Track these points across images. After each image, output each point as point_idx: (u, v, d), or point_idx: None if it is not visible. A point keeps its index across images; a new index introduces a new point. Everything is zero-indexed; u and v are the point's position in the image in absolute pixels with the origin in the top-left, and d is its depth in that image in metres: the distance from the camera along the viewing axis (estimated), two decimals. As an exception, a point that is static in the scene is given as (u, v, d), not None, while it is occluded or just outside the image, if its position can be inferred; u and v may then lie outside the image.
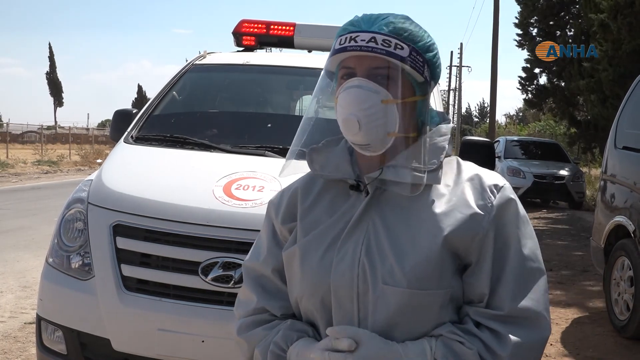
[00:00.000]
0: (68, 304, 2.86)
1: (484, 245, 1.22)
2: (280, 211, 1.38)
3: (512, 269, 1.22)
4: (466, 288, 1.24)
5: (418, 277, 1.19)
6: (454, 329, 1.20)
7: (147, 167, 3.26)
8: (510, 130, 38.22)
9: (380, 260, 1.21)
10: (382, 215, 1.25)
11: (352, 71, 1.24)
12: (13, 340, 4.57)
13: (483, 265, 1.22)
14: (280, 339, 1.29)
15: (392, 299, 1.19)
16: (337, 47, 1.25)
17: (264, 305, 1.36)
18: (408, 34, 1.24)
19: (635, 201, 5.09)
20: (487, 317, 1.21)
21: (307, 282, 1.27)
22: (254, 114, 4.08)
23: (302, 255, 1.29)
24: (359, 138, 1.22)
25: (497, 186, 1.26)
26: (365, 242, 1.24)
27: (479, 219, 1.22)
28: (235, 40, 4.65)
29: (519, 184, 14.98)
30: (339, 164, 1.31)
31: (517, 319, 1.20)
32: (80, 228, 2.91)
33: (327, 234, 1.28)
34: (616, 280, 5.30)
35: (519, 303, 1.20)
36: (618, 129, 5.80)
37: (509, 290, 1.21)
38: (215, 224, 2.69)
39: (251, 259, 1.42)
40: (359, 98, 1.20)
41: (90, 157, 26.82)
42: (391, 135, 1.23)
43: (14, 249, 7.74)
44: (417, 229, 1.22)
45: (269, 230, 1.40)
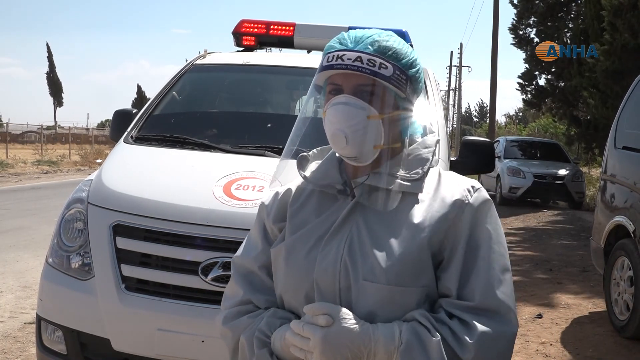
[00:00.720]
0: (68, 304, 2.86)
1: (455, 240, 1.29)
2: (272, 211, 1.45)
3: (485, 263, 1.29)
4: (439, 282, 1.30)
5: (397, 274, 1.25)
6: (426, 314, 1.26)
7: (147, 167, 3.26)
8: (510, 130, 38.23)
9: (361, 258, 1.28)
10: (366, 217, 1.32)
11: (339, 87, 1.32)
12: (13, 340, 4.57)
13: (454, 260, 1.29)
14: (264, 325, 1.35)
15: (371, 294, 1.26)
16: (325, 64, 1.32)
17: (249, 297, 1.42)
18: (392, 52, 1.31)
19: (635, 201, 5.09)
20: (458, 307, 1.27)
21: (291, 278, 1.34)
22: (254, 114, 4.08)
23: (288, 252, 1.36)
24: (347, 151, 1.31)
25: (474, 187, 1.34)
26: (348, 241, 1.31)
27: (452, 216, 1.29)
28: (235, 40, 4.65)
29: (518, 184, 15.00)
30: (328, 170, 1.40)
31: (487, 311, 1.26)
32: (80, 228, 2.91)
33: (313, 233, 1.35)
34: (616, 280, 5.30)
35: (490, 295, 1.27)
36: (618, 129, 5.80)
37: (481, 282, 1.27)
38: (215, 224, 2.69)
39: (241, 256, 1.48)
40: (346, 114, 1.28)
41: (90, 157, 26.82)
42: (377, 148, 1.31)
43: (13, 249, 7.74)
44: (398, 230, 1.29)
45: (260, 229, 1.47)
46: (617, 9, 11.49)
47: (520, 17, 18.59)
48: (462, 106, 60.34)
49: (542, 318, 5.63)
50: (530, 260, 8.26)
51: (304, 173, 1.42)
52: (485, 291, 1.27)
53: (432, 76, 4.09)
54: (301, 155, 1.44)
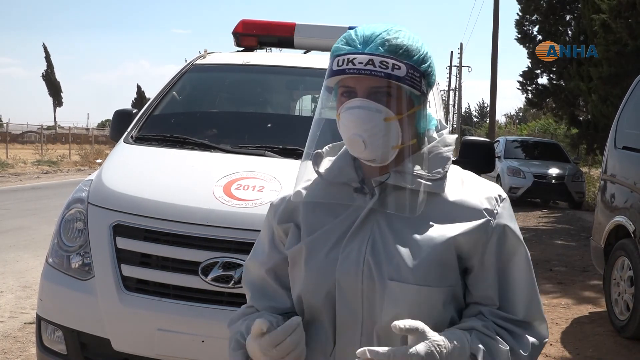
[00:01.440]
0: (68, 304, 2.86)
1: (486, 250, 1.28)
2: (278, 212, 1.42)
3: (522, 275, 1.30)
4: (473, 290, 1.30)
5: (425, 273, 1.23)
6: (486, 324, 1.26)
7: (147, 167, 3.26)
8: (510, 130, 38.23)
9: (386, 258, 1.25)
10: (388, 217, 1.29)
11: (352, 90, 1.28)
12: (13, 340, 4.57)
13: (489, 269, 1.28)
14: (245, 328, 1.35)
15: (399, 294, 1.23)
16: (336, 68, 1.28)
17: (252, 304, 1.42)
18: (403, 50, 1.27)
19: (635, 201, 5.09)
20: (504, 318, 1.28)
21: (311, 279, 1.30)
22: (254, 114, 4.08)
23: (308, 252, 1.32)
24: (365, 155, 1.28)
25: (501, 197, 1.33)
26: (371, 241, 1.28)
27: (484, 225, 1.28)
28: (235, 41, 4.65)
29: (519, 184, 15.00)
30: (342, 167, 1.35)
31: (529, 324, 1.30)
32: (80, 228, 2.91)
33: (332, 233, 1.31)
34: (616, 280, 5.30)
35: (531, 308, 1.30)
36: (618, 129, 5.80)
37: (522, 295, 1.29)
38: (215, 224, 2.69)
39: (250, 259, 1.47)
40: (362, 118, 1.24)
41: (90, 157, 26.80)
42: (395, 148, 1.28)
43: (13, 249, 7.74)
44: (422, 230, 1.27)
45: (269, 232, 1.44)
46: (615, 9, 11.47)
47: (524, 13, 18.56)
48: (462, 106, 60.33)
49: (542, 318, 5.63)
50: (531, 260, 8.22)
51: (319, 170, 1.37)
52: (527, 304, 1.29)
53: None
54: (316, 152, 1.39)
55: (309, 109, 5.37)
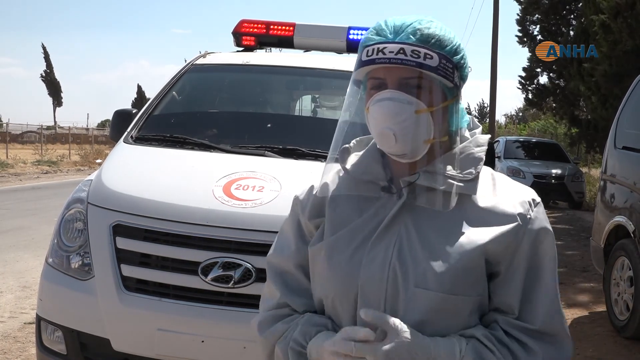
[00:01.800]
0: (68, 304, 2.86)
1: (516, 256, 1.23)
2: (307, 207, 1.36)
3: (547, 285, 1.24)
4: (495, 296, 1.25)
5: (452, 282, 1.19)
6: (488, 334, 1.21)
7: (147, 167, 3.26)
8: (510, 130, 38.22)
9: (412, 264, 1.20)
10: (415, 219, 1.24)
11: (382, 82, 1.22)
12: (13, 340, 4.57)
13: (515, 277, 1.23)
14: (299, 334, 1.28)
15: (423, 302, 1.19)
16: (365, 58, 1.22)
17: (286, 300, 1.34)
18: (435, 40, 1.21)
19: (635, 201, 5.09)
20: (518, 328, 1.22)
21: (334, 282, 1.26)
22: (254, 114, 4.08)
23: (330, 253, 1.27)
24: (396, 149, 1.22)
25: (535, 201, 1.27)
26: (397, 245, 1.23)
27: (515, 229, 1.22)
28: (235, 40, 4.65)
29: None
30: (370, 164, 1.30)
31: (547, 336, 1.22)
32: (80, 228, 2.91)
33: (356, 234, 1.27)
34: (616, 280, 5.30)
35: (551, 320, 1.23)
36: (618, 129, 5.80)
37: (544, 305, 1.23)
38: (215, 224, 2.69)
39: (275, 254, 1.40)
40: (392, 111, 1.19)
41: (90, 157, 26.81)
42: (427, 143, 1.22)
43: (13, 249, 7.74)
44: (452, 235, 1.22)
45: (294, 225, 1.38)
46: (615, 9, 11.48)
47: (525, 13, 18.58)
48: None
49: (542, 318, 5.63)
50: (530, 260, 8.21)
51: (345, 166, 1.32)
52: (548, 315, 1.23)
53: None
54: (343, 147, 1.34)
55: (308, 109, 5.37)
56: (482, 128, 1.38)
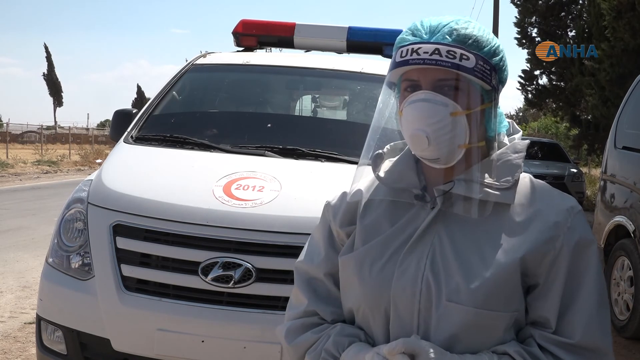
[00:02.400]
0: (68, 304, 2.86)
1: (554, 267, 1.17)
2: (338, 214, 1.32)
3: (588, 297, 1.17)
4: (531, 310, 1.19)
5: (486, 296, 1.14)
6: (520, 351, 1.15)
7: (147, 167, 3.26)
8: (510, 130, 38.14)
9: (445, 277, 1.16)
10: (449, 230, 1.20)
11: (416, 83, 1.18)
12: (13, 340, 4.57)
13: (552, 289, 1.17)
14: (331, 345, 1.25)
15: (456, 317, 1.15)
16: (399, 59, 1.18)
17: (315, 308, 1.31)
18: (472, 40, 1.17)
19: (635, 201, 5.09)
20: (555, 343, 1.16)
21: (365, 293, 1.22)
22: (254, 114, 4.08)
23: (361, 264, 1.24)
24: (429, 153, 1.17)
25: (574, 208, 1.21)
26: (430, 257, 1.18)
27: (553, 239, 1.17)
28: (235, 40, 4.65)
29: (518, 184, 14.97)
30: (403, 172, 1.26)
31: (585, 350, 1.16)
32: (80, 228, 2.91)
33: (388, 244, 1.23)
34: (616, 280, 5.30)
35: (590, 334, 1.16)
36: (618, 129, 5.81)
37: (583, 318, 1.16)
38: (215, 224, 2.69)
39: (305, 261, 1.37)
40: (426, 112, 1.14)
41: (90, 157, 26.80)
42: (462, 147, 1.17)
43: (13, 249, 7.74)
44: (487, 247, 1.17)
45: (325, 233, 1.35)
46: (617, 10, 11.49)
47: (523, 15, 18.58)
48: (462, 106, 60.11)
49: (542, 318, 5.63)
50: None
51: (378, 173, 1.27)
52: (587, 329, 1.15)
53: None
54: (376, 154, 1.29)
55: (308, 109, 5.37)
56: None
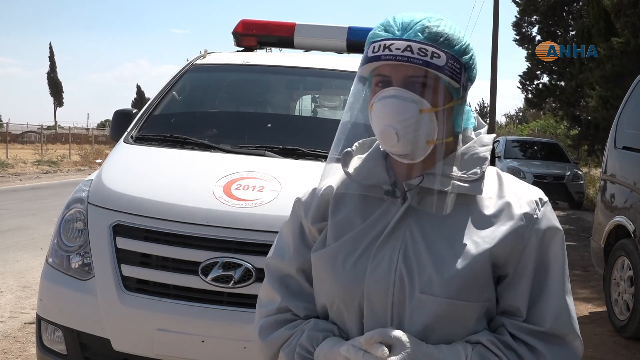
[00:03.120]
0: (68, 304, 2.86)
1: (523, 257, 1.20)
2: (310, 210, 1.33)
3: (556, 286, 1.21)
4: (502, 299, 1.22)
5: (459, 287, 1.16)
6: (493, 339, 1.18)
7: (147, 167, 3.26)
8: (510, 130, 38.21)
9: (418, 270, 1.18)
10: (420, 223, 1.22)
11: (387, 79, 1.20)
12: (13, 340, 4.57)
13: (522, 279, 1.20)
14: (305, 340, 1.25)
15: (430, 308, 1.17)
16: (371, 54, 1.20)
17: (287, 304, 1.32)
18: (444, 38, 1.19)
19: (635, 201, 5.09)
20: (526, 331, 1.19)
21: (338, 288, 1.24)
22: (254, 114, 4.08)
23: (334, 259, 1.25)
24: (398, 149, 1.19)
25: (542, 200, 1.24)
26: (403, 250, 1.20)
27: (522, 231, 1.20)
28: (235, 41, 4.65)
29: (518, 184, 14.98)
30: (373, 168, 1.28)
31: (556, 337, 1.19)
32: (80, 228, 2.91)
33: (360, 240, 1.24)
34: (616, 280, 5.30)
35: (561, 321, 1.20)
36: (618, 129, 5.80)
37: (552, 306, 1.20)
38: (215, 224, 2.69)
39: (274, 257, 1.38)
40: (396, 109, 1.16)
41: (90, 157, 26.80)
42: (430, 143, 1.19)
43: (13, 249, 7.74)
44: (458, 239, 1.19)
45: (296, 229, 1.35)
46: (617, 8, 11.48)
47: (523, 14, 18.58)
48: (462, 106, 60.07)
49: (542, 318, 5.63)
50: (531, 260, 8.22)
51: (347, 170, 1.29)
52: (557, 316, 1.19)
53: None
54: (345, 151, 1.31)
55: (308, 109, 5.37)
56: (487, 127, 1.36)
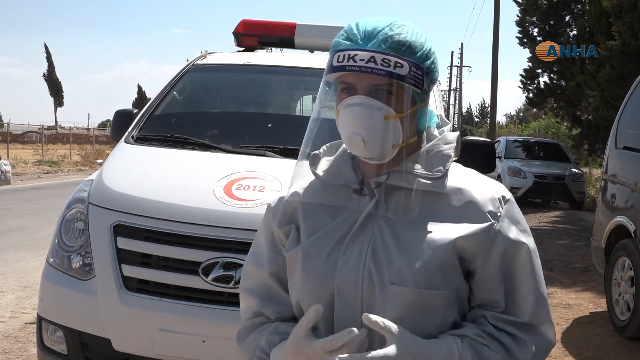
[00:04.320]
0: (69, 304, 2.86)
1: (491, 252, 1.24)
2: (277, 214, 1.38)
3: (529, 278, 1.26)
4: (478, 293, 1.27)
5: (426, 277, 1.21)
6: (479, 332, 1.23)
7: (148, 167, 3.26)
8: (511, 130, 38.20)
9: (387, 262, 1.22)
10: (387, 218, 1.26)
11: (352, 86, 1.24)
12: (14, 340, 4.57)
13: (494, 273, 1.25)
14: (264, 343, 1.31)
15: (400, 298, 1.21)
16: (336, 64, 1.24)
17: (261, 309, 1.37)
18: (406, 47, 1.23)
19: (636, 201, 5.08)
20: (507, 322, 1.24)
21: (310, 284, 1.28)
22: (255, 114, 4.08)
23: (305, 257, 1.29)
24: (365, 153, 1.24)
25: (505, 197, 1.29)
26: (371, 245, 1.25)
27: (487, 227, 1.24)
28: (236, 41, 4.65)
29: (519, 184, 14.98)
30: (341, 168, 1.33)
31: (535, 327, 1.26)
32: (81, 228, 2.91)
33: (330, 237, 1.29)
34: (617, 280, 5.30)
35: (538, 311, 1.26)
36: (619, 129, 5.80)
37: (529, 298, 1.25)
38: (216, 224, 2.69)
39: (250, 262, 1.43)
40: (361, 116, 1.21)
41: (90, 157, 26.82)
42: (396, 147, 1.25)
43: (14, 249, 7.75)
44: (424, 232, 1.24)
45: (268, 234, 1.40)
46: (617, 9, 11.48)
47: (524, 14, 18.55)
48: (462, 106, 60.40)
49: (543, 318, 5.63)
50: (531, 261, 8.22)
51: (316, 171, 1.34)
52: (534, 307, 1.25)
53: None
54: (313, 154, 1.36)
55: (309, 109, 5.37)
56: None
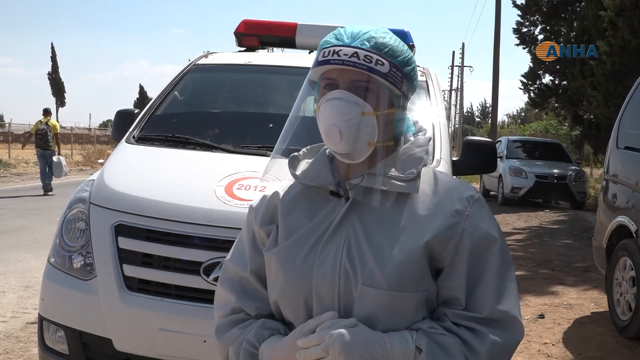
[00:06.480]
0: (70, 304, 2.87)
1: (458, 250, 1.28)
2: (259, 214, 1.42)
3: (491, 274, 1.29)
4: (441, 291, 1.30)
5: (397, 279, 1.24)
6: (434, 324, 1.26)
7: (149, 167, 3.26)
8: (512, 130, 38.19)
9: (360, 263, 1.26)
10: (362, 220, 1.31)
11: (334, 82, 1.30)
12: (15, 340, 4.57)
13: (459, 270, 1.28)
14: (252, 336, 1.34)
15: (372, 299, 1.25)
16: (321, 59, 1.30)
17: (240, 305, 1.40)
18: (388, 49, 1.30)
19: (637, 201, 5.08)
20: (466, 318, 1.27)
21: (288, 284, 1.32)
22: (256, 114, 4.08)
23: (284, 257, 1.33)
24: (341, 147, 1.28)
25: (473, 197, 1.33)
26: (346, 246, 1.29)
27: (455, 226, 1.28)
28: (237, 41, 4.65)
29: (520, 184, 14.99)
30: (319, 170, 1.37)
31: (495, 322, 1.27)
32: (82, 228, 2.91)
33: (308, 238, 1.33)
34: (618, 280, 5.29)
35: (498, 307, 1.27)
36: (620, 129, 5.80)
37: (489, 294, 1.27)
38: (217, 224, 2.69)
39: (231, 260, 1.46)
40: (340, 109, 1.26)
41: (92, 157, 26.83)
42: (371, 145, 1.29)
43: (15, 249, 7.75)
44: (396, 233, 1.28)
45: (250, 234, 1.45)
46: (619, 8, 11.47)
47: (525, 14, 18.55)
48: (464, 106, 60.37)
49: (544, 318, 5.63)
50: (532, 261, 8.25)
51: (295, 173, 1.40)
52: (493, 303, 1.27)
53: (434, 76, 4.09)
54: (292, 155, 1.42)
55: (311, 109, 5.38)
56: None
